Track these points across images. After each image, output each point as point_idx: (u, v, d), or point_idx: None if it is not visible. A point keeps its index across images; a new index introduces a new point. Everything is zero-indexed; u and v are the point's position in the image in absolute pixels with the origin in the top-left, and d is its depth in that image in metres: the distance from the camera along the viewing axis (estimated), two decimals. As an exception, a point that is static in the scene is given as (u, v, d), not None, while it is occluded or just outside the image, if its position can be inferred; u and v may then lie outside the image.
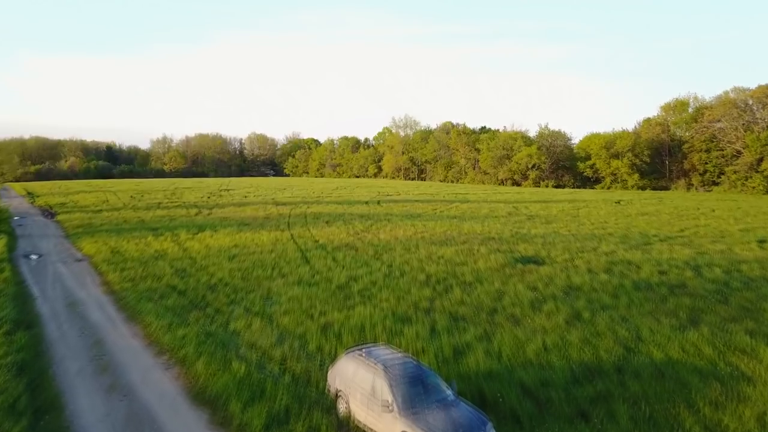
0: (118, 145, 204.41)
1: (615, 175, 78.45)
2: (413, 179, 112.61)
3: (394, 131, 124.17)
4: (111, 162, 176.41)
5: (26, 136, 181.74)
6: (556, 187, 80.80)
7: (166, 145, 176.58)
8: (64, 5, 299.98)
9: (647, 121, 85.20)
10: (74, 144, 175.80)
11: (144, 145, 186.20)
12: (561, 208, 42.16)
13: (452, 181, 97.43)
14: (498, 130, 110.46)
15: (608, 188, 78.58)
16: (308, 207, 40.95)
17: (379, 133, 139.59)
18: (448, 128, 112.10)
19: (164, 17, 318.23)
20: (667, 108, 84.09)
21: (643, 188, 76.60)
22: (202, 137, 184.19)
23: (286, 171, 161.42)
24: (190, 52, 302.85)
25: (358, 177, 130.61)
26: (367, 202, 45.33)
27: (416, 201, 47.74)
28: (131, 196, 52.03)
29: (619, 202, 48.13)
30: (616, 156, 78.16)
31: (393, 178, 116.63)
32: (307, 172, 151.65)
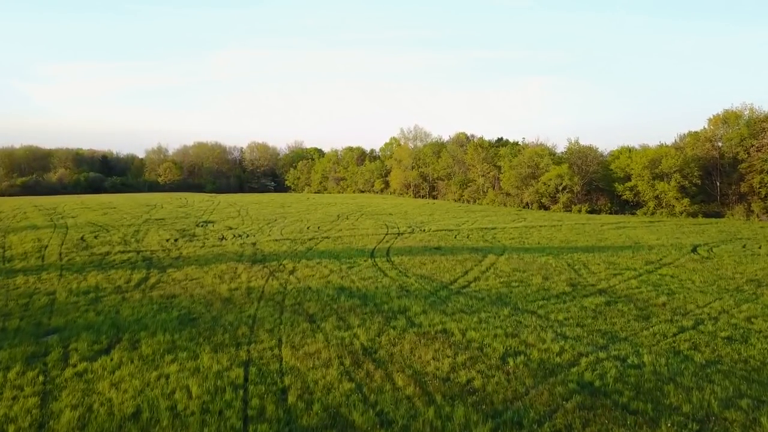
0: (115, 153, 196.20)
1: (659, 198, 67.79)
2: (423, 197, 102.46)
3: (402, 143, 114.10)
4: (105, 173, 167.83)
5: (17, 145, 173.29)
6: (591, 212, 70.20)
7: (161, 155, 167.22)
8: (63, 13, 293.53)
9: (693, 135, 74.57)
10: (65, 154, 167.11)
11: (143, 153, 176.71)
12: (632, 266, 31.66)
13: (468, 201, 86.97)
14: (517, 142, 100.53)
15: (652, 214, 67.98)
16: (294, 265, 30.68)
17: (386, 144, 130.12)
18: (462, 140, 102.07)
19: (167, 24, 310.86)
20: (716, 121, 73.39)
21: (693, 215, 65.97)
22: (200, 146, 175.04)
23: (287, 183, 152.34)
24: (193, 59, 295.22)
25: (363, 192, 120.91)
26: (372, 254, 34.98)
27: (436, 248, 37.37)
28: (81, 238, 42.02)
29: (695, 250, 37.53)
30: (662, 177, 67.56)
31: (401, 194, 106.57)
32: (309, 185, 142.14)
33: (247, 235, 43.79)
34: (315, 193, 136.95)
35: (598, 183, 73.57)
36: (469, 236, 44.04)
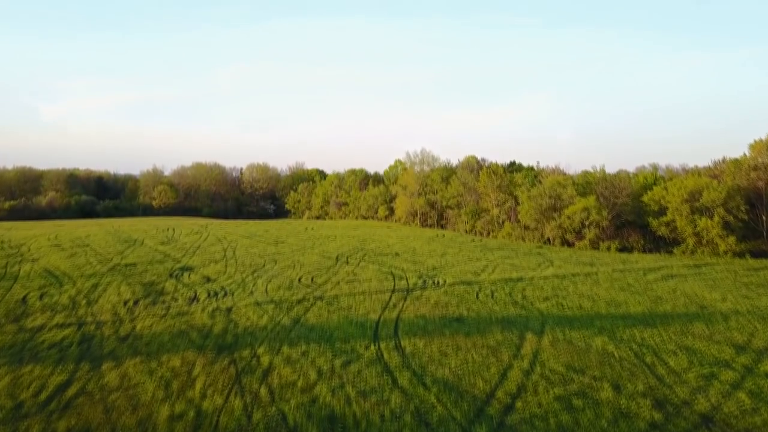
0: (112, 173, 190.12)
1: (700, 235, 59.94)
2: (431, 226, 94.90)
3: (408, 167, 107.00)
4: (99, 195, 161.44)
5: (9, 167, 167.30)
6: (622, 250, 62.39)
7: (157, 177, 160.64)
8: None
9: (734, 163, 66.97)
10: (56, 175, 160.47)
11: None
12: (720, 356, 23.87)
13: (481, 234, 79.28)
14: (532, 167, 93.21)
15: (692, 252, 60.08)
16: (272, 359, 23.01)
17: (391, 167, 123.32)
18: (472, 165, 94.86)
19: (172, 43, 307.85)
20: (759, 147, 65.89)
21: (740, 254, 58.05)
22: (198, 167, 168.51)
23: (287, 206, 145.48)
24: (196, 77, 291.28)
25: (366, 218, 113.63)
26: (376, 333, 27.29)
27: (457, 320, 29.65)
28: (23, 298, 34.59)
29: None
30: (702, 211, 59.83)
31: (407, 223, 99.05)
32: (310, 209, 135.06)
33: (225, 293, 36.21)
34: (315, 218, 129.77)
35: (628, 216, 65.83)
36: (494, 294, 36.31)
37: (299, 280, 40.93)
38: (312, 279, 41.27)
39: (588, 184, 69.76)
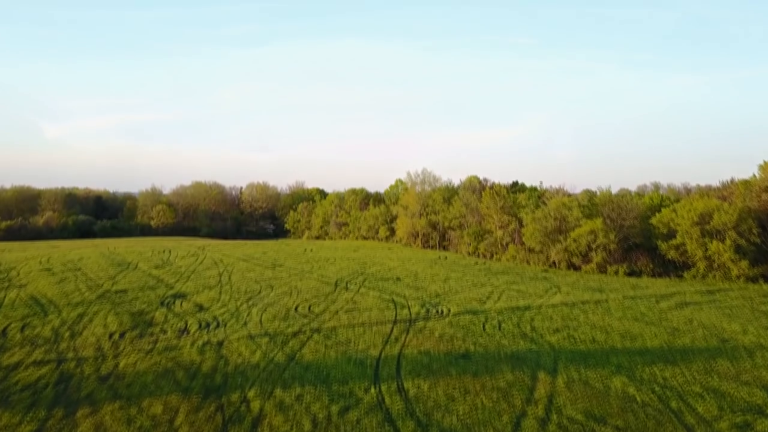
0: (112, 192, 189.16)
1: (711, 259, 58.04)
2: (433, 247, 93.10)
3: (409, 187, 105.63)
4: (97, 214, 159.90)
5: (8, 186, 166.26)
6: (630, 274, 60.46)
7: (156, 197, 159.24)
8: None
9: (744, 184, 65.40)
10: (54, 194, 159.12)
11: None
12: (751, 400, 21.89)
13: (485, 256, 77.42)
14: (535, 187, 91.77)
15: (703, 277, 58.14)
16: (263, 404, 21.05)
17: (392, 187, 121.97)
18: (474, 186, 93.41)
19: (175, 64, 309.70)
20: (769, 168, 64.43)
21: (753, 279, 56.10)
22: (198, 186, 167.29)
23: (286, 226, 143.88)
24: (199, 97, 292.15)
25: (366, 239, 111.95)
26: (377, 372, 25.32)
27: (463, 356, 27.70)
28: (3, 330, 32.72)
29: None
30: (713, 234, 58.06)
31: (408, 244, 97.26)
32: (310, 228, 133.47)
33: (217, 324, 34.29)
34: (315, 238, 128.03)
35: (636, 239, 64.01)
36: (501, 325, 34.37)
37: (296, 308, 39.01)
38: (309, 308, 39.35)
39: (594, 205, 68.13)
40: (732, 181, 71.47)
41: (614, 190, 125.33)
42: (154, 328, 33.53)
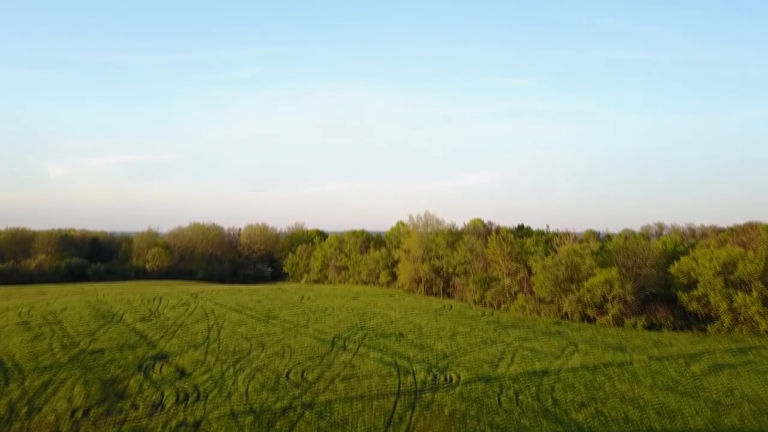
0: (109, 233, 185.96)
1: (736, 311, 54.03)
2: (437, 294, 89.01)
3: (411, 229, 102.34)
4: (92, 256, 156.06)
5: (3, 227, 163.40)
6: (649, 327, 56.34)
7: (152, 239, 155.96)
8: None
9: (763, 228, 62.07)
10: (49, 236, 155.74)
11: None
12: None
13: (492, 305, 73.33)
14: (542, 231, 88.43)
15: (728, 331, 54.02)
16: None
17: (393, 229, 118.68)
18: (479, 229, 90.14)
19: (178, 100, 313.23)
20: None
21: (784, 334, 51.86)
22: (195, 227, 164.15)
23: (285, 269, 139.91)
24: (199, 136, 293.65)
25: (366, 283, 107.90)
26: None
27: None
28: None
29: None
30: (738, 284, 54.29)
31: (410, 291, 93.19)
32: (308, 272, 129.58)
33: (198, 396, 30.28)
34: (314, 281, 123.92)
35: (653, 288, 60.14)
36: (519, 397, 30.33)
37: (287, 375, 34.98)
38: (302, 374, 35.31)
39: (607, 252, 64.62)
40: (751, 225, 68.11)
41: (617, 230, 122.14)
42: (125, 402, 29.55)
